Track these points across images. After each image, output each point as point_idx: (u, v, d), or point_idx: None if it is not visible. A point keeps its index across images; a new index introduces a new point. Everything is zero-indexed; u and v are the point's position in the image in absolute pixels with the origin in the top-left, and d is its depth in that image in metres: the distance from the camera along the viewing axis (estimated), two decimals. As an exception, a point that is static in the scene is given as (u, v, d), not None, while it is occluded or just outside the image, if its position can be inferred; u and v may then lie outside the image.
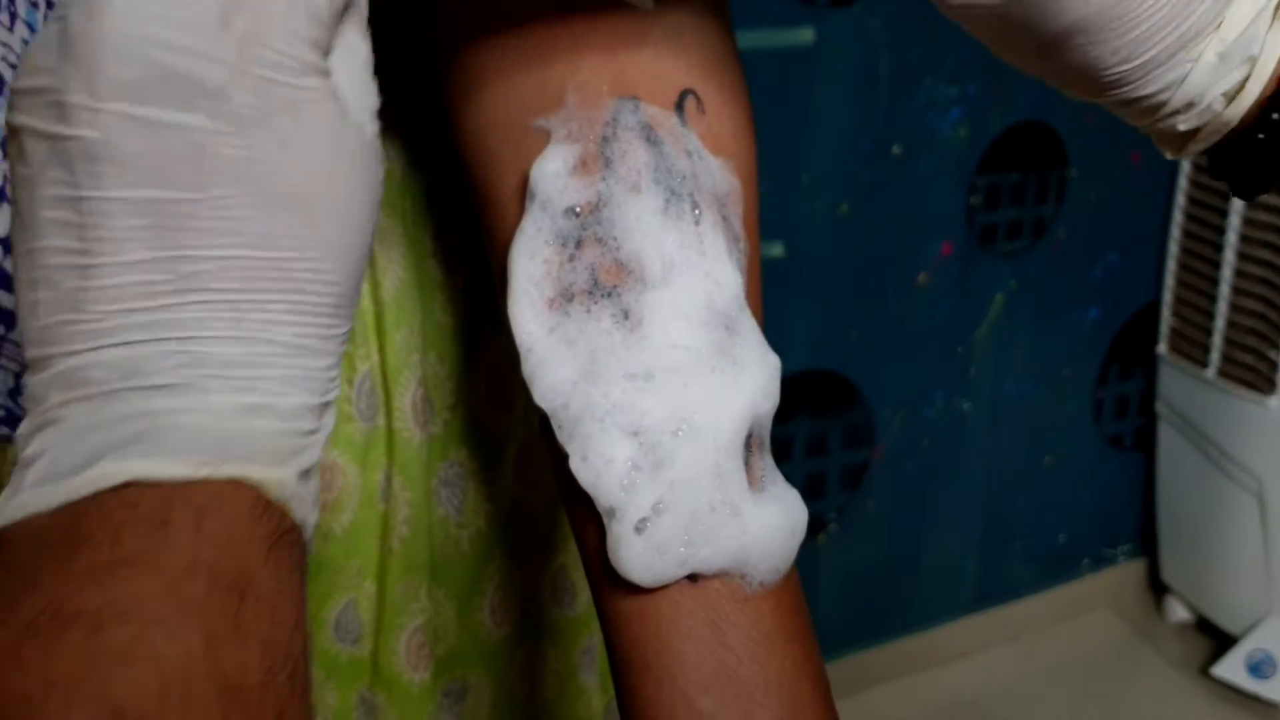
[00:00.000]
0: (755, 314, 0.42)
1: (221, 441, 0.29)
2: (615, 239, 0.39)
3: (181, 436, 0.28)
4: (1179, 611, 1.96)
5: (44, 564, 0.27)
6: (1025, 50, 0.37)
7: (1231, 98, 0.37)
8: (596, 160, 0.40)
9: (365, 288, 0.53)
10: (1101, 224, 1.83)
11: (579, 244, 0.39)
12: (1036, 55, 0.37)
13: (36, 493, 0.28)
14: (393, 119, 0.53)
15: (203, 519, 0.28)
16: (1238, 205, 1.69)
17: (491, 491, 0.58)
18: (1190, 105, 0.37)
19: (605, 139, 0.40)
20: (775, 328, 0.42)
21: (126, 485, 0.27)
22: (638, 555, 0.37)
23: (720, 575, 0.39)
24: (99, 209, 0.28)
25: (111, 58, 0.28)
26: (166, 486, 0.28)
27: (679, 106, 0.41)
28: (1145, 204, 1.86)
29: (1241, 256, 1.71)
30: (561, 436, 0.38)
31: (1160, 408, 1.91)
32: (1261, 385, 1.70)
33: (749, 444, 0.40)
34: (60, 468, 0.28)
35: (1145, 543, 2.06)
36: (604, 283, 0.39)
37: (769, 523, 0.39)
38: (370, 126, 0.33)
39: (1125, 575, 2.07)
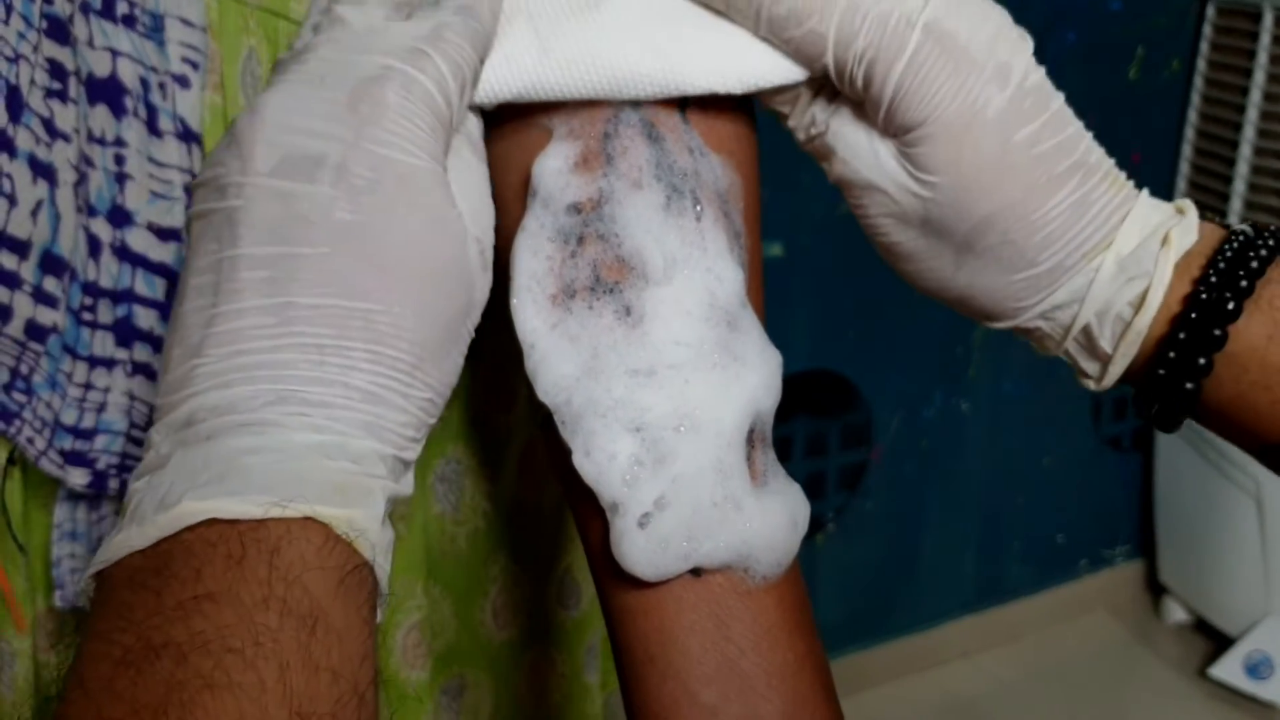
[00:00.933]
0: (757, 310, 0.42)
1: (294, 481, 0.31)
2: (617, 235, 0.39)
3: (258, 476, 0.30)
4: (1177, 612, 1.96)
5: (137, 603, 0.29)
6: (945, 259, 0.41)
7: (1138, 307, 0.40)
8: (598, 157, 0.39)
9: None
10: (1101, 224, 1.82)
11: (581, 240, 0.39)
12: (955, 263, 0.41)
13: (129, 533, 0.30)
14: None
15: (275, 555, 0.29)
16: (1236, 207, 1.69)
17: (492, 490, 0.58)
18: (1103, 314, 0.41)
19: (607, 136, 0.40)
20: (774, 328, 0.42)
21: (208, 523, 0.29)
22: (640, 550, 0.37)
23: (723, 569, 0.39)
24: (230, 264, 0.32)
25: (262, 144, 0.33)
26: (243, 524, 0.30)
27: (681, 104, 0.41)
28: (1144, 205, 1.85)
29: (1240, 257, 1.70)
30: (564, 432, 0.38)
31: (1159, 408, 1.90)
32: (1260, 386, 1.70)
33: (751, 439, 0.40)
34: (151, 508, 0.30)
35: (1143, 544, 2.06)
36: (606, 279, 0.39)
37: (771, 517, 0.39)
38: (474, 230, 0.36)
39: (1123, 576, 2.06)
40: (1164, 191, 1.84)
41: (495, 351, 0.58)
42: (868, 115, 0.40)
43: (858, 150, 0.41)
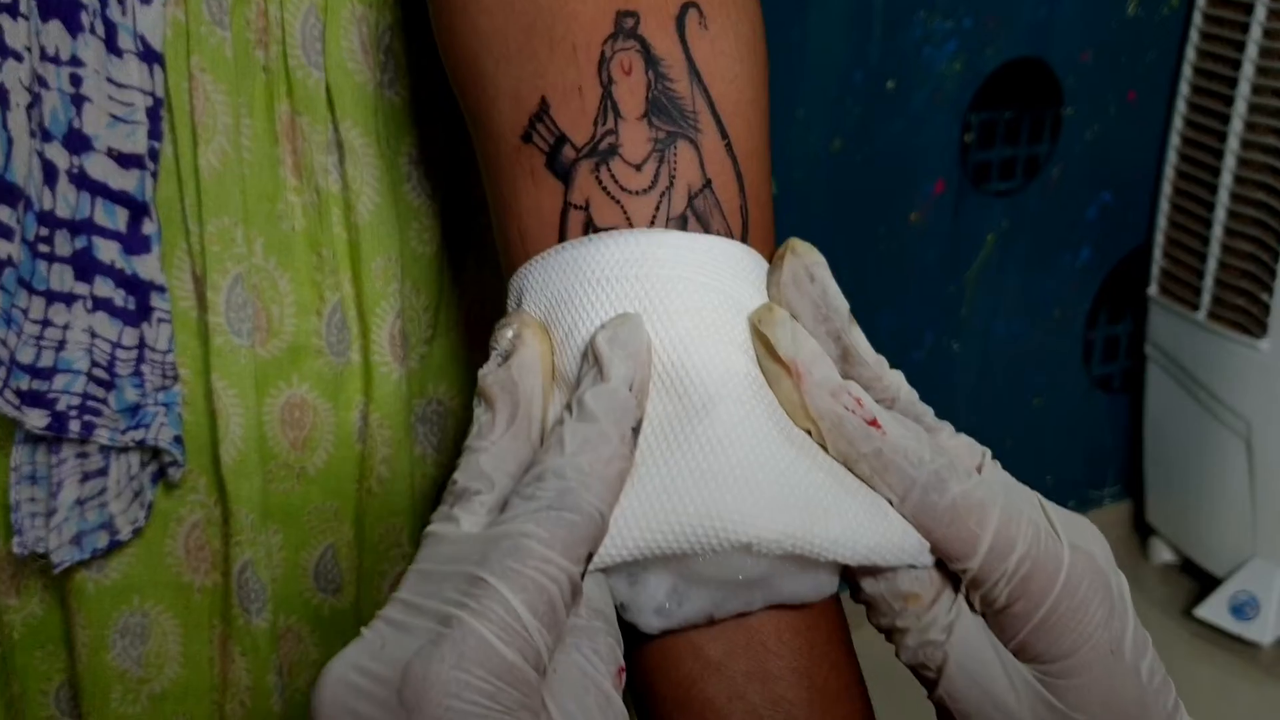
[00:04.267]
0: (766, 243, 0.39)
1: None
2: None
3: None
4: (1163, 553, 1.96)
5: None
6: None
7: None
8: (595, 86, 0.37)
9: (337, 213, 0.50)
10: (1095, 163, 1.80)
11: None
12: None
13: None
14: (364, 35, 0.49)
15: None
16: (1232, 145, 1.66)
17: (473, 431, 0.56)
18: None
19: (603, 57, 0.37)
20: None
21: None
22: (657, 629, 0.36)
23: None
24: None
25: None
26: None
27: (679, 21, 0.38)
28: (1140, 143, 1.83)
29: (1235, 197, 1.68)
30: None
31: (1149, 350, 1.89)
32: (1252, 328, 1.68)
33: None
34: None
35: (1131, 485, 2.06)
36: None
37: (803, 582, 0.36)
38: None
39: (1110, 517, 2.06)
40: (1161, 126, 1.82)
41: (477, 285, 0.55)
42: (996, 630, 0.35)
43: (986, 670, 0.35)
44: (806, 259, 0.38)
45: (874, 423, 0.35)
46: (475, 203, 0.54)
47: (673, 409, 0.35)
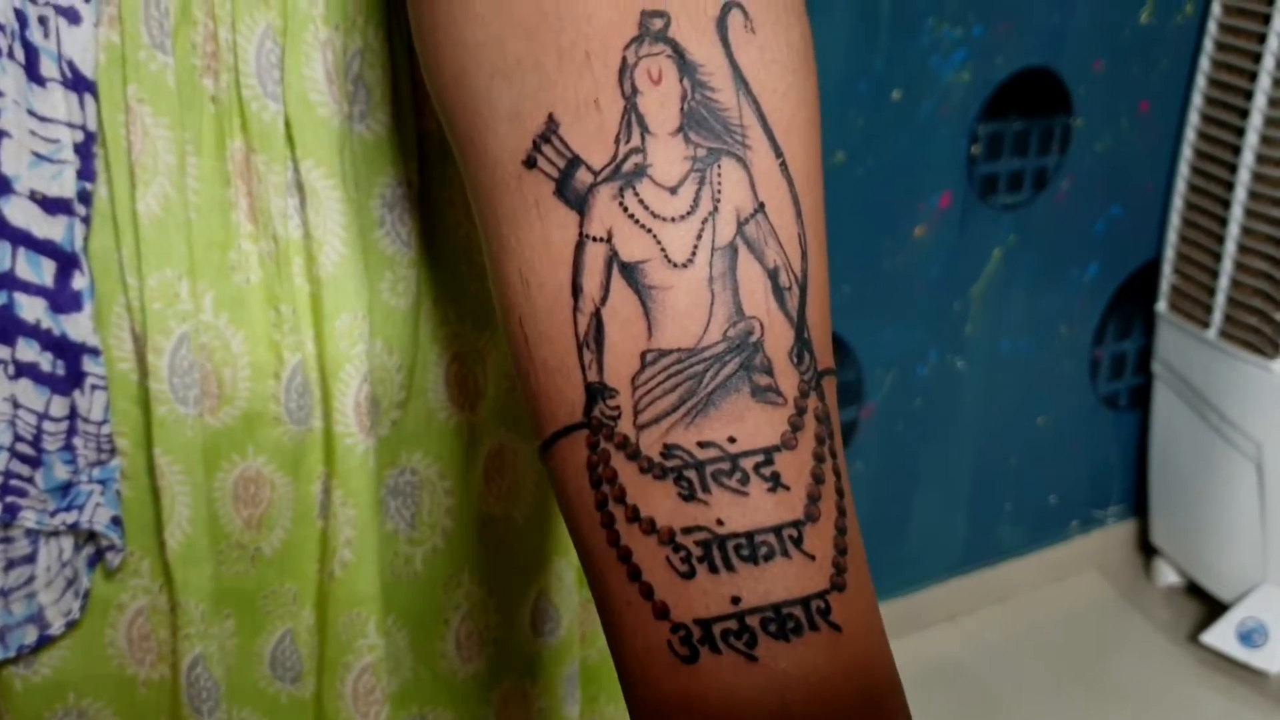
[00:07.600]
0: (822, 287, 0.34)
1: None
2: None
3: None
4: (1168, 575, 1.92)
5: None
6: None
7: None
8: (615, 98, 0.31)
9: (299, 264, 0.44)
10: (1106, 176, 1.75)
11: None
12: None
13: None
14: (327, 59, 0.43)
15: None
16: (1247, 159, 1.62)
17: (452, 505, 0.50)
18: None
19: (624, 64, 0.31)
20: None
21: None
22: None
23: None
24: None
25: None
26: None
27: (720, 23, 0.32)
28: (1151, 155, 1.78)
29: (1248, 213, 1.64)
30: None
31: (1157, 368, 1.85)
32: (1264, 347, 1.64)
33: None
34: None
35: (1137, 504, 2.02)
36: None
37: None
38: None
39: (1114, 537, 2.03)
40: (1173, 138, 1.78)
41: (458, 341, 0.49)
42: None
43: None
44: None
45: None
46: (456, 247, 0.48)
47: None
